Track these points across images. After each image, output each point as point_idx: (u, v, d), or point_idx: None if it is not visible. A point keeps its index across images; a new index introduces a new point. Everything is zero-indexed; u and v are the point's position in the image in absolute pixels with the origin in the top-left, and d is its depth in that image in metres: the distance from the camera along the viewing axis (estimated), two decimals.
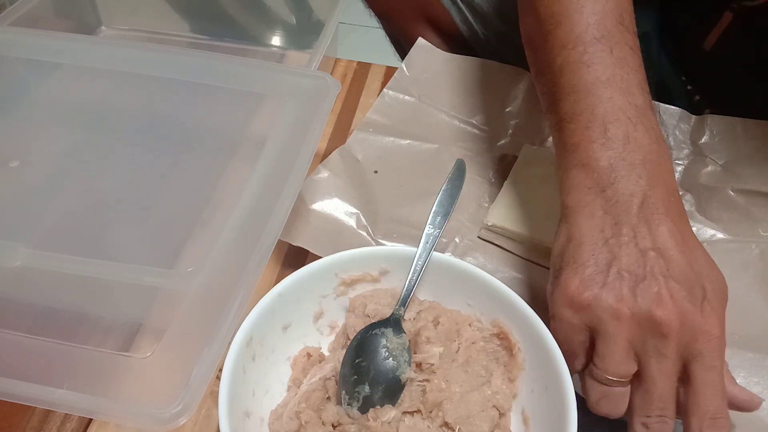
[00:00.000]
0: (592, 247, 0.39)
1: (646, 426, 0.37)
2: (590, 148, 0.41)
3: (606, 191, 0.40)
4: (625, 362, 0.37)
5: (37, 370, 0.37)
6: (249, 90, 0.55)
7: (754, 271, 0.52)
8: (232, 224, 0.43)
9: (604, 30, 0.43)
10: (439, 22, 0.75)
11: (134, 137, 0.58)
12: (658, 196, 0.39)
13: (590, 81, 0.42)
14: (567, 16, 0.44)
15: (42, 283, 0.44)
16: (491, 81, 0.66)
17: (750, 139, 0.60)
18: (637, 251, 0.38)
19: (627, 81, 0.42)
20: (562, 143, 0.44)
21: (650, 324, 0.36)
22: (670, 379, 0.37)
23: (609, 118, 0.41)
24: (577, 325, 0.38)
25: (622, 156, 0.40)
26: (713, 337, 0.36)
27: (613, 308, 0.37)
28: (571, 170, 0.42)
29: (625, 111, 0.41)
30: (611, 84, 0.42)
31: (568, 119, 0.43)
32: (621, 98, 0.41)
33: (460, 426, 0.38)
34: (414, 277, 0.43)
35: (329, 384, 0.41)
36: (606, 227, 0.39)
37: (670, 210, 0.39)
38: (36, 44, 0.57)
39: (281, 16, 0.79)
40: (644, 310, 0.36)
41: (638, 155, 0.40)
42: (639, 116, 0.41)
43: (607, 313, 0.37)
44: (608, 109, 0.41)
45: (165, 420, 0.34)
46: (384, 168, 0.59)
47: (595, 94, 0.42)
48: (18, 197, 0.53)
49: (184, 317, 0.39)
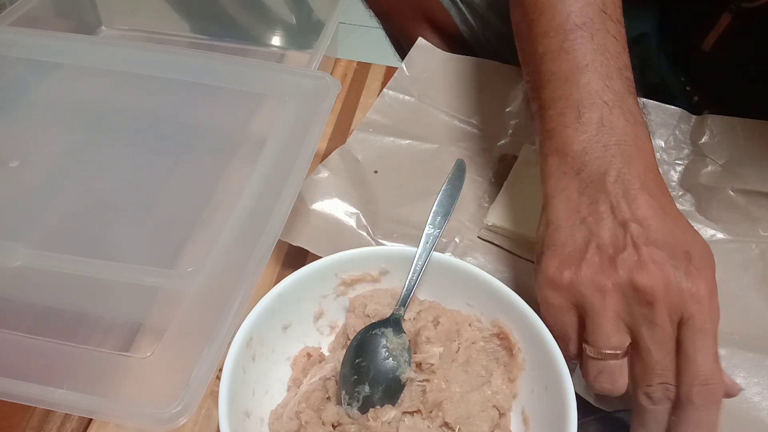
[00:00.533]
0: (569, 229, 0.39)
1: (649, 396, 0.37)
2: (564, 133, 0.42)
3: (581, 174, 0.40)
4: (615, 334, 0.37)
5: (37, 370, 0.37)
6: (249, 90, 0.55)
7: (754, 271, 0.52)
8: (232, 224, 0.43)
9: (585, 18, 0.44)
10: (439, 22, 0.75)
11: (134, 137, 0.58)
12: (634, 173, 0.39)
13: (569, 68, 0.43)
14: (550, 4, 0.45)
15: (42, 283, 0.44)
16: (491, 81, 0.66)
17: (750, 139, 0.60)
18: (614, 225, 0.38)
19: (606, 66, 0.42)
20: (540, 130, 0.44)
21: (634, 292, 0.36)
22: (665, 346, 0.36)
23: (584, 102, 0.42)
24: (563, 305, 0.38)
25: (595, 139, 0.40)
26: (702, 299, 0.36)
27: (594, 282, 0.37)
28: (548, 157, 0.43)
29: (602, 95, 0.41)
30: (589, 70, 0.42)
31: (546, 106, 0.44)
32: (598, 83, 0.42)
33: (460, 426, 0.38)
34: (414, 277, 0.43)
35: (329, 384, 0.41)
36: (582, 207, 0.39)
37: (646, 184, 0.39)
38: (36, 44, 0.57)
39: (281, 16, 0.79)
40: (626, 279, 0.36)
41: (612, 137, 0.40)
42: (616, 100, 0.41)
43: (590, 288, 0.37)
44: (583, 95, 0.42)
45: (165, 420, 0.34)
46: (384, 168, 0.59)
47: (572, 80, 0.42)
48: (18, 197, 0.53)
49: (184, 317, 0.39)
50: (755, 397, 0.44)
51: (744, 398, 0.44)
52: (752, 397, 0.44)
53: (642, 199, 0.38)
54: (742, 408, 0.43)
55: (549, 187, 0.42)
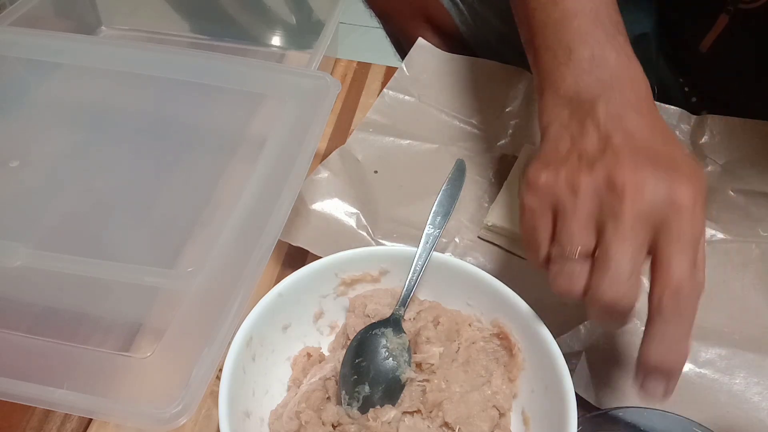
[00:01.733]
0: (555, 141, 0.40)
1: (597, 303, 0.34)
2: (557, 71, 0.42)
3: (572, 102, 0.41)
4: (580, 234, 0.35)
5: (37, 370, 0.37)
6: (249, 90, 0.55)
7: (754, 271, 0.52)
8: (232, 224, 0.43)
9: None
10: (439, 22, 0.75)
11: (134, 137, 0.58)
12: (626, 98, 0.39)
13: (560, 15, 0.44)
14: None
15: (42, 283, 0.44)
16: (491, 81, 0.66)
17: (750, 139, 0.60)
18: (598, 136, 0.38)
19: (596, 12, 0.43)
20: (535, 74, 0.45)
21: (608, 191, 0.35)
22: (627, 249, 0.34)
23: (575, 43, 0.42)
24: (537, 208, 0.37)
25: (588, 72, 0.41)
26: (682, 207, 0.34)
27: (569, 182, 0.36)
28: (543, 94, 0.43)
29: (593, 35, 0.42)
30: (579, 15, 0.43)
31: (539, 53, 0.45)
32: (588, 25, 0.43)
33: (460, 426, 0.38)
34: (414, 277, 0.43)
35: (329, 384, 0.41)
36: (571, 124, 0.40)
37: (638, 108, 0.39)
38: (36, 44, 0.57)
39: (281, 16, 0.79)
40: (601, 178, 0.35)
41: (605, 71, 0.41)
42: (607, 38, 0.42)
43: (564, 189, 0.36)
44: (574, 36, 0.43)
45: (165, 420, 0.34)
46: (384, 168, 0.59)
47: (564, 25, 0.43)
48: (18, 197, 0.53)
49: (184, 317, 0.39)
50: (755, 397, 0.44)
51: (744, 398, 0.44)
52: (752, 397, 0.44)
53: (631, 116, 0.38)
54: (742, 408, 0.43)
55: (543, 120, 0.43)
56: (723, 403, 0.44)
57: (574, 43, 0.42)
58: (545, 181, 0.37)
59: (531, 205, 0.38)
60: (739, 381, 0.45)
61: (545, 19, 0.45)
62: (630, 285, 0.34)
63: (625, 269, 0.34)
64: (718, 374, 0.45)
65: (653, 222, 0.34)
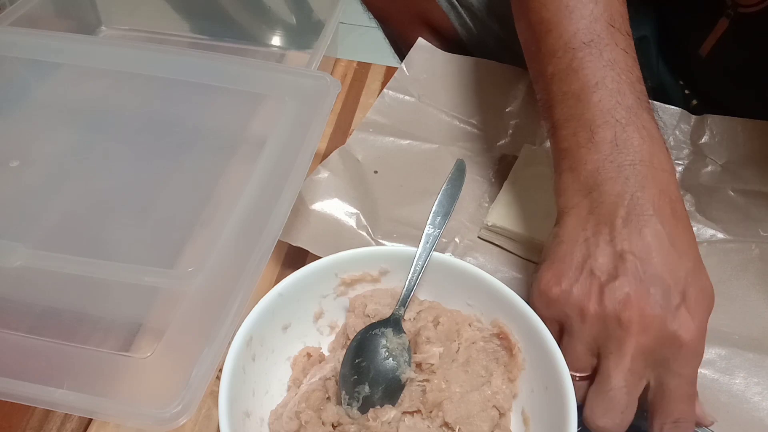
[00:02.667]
0: (570, 245, 0.39)
1: (591, 424, 0.37)
2: (578, 153, 0.41)
3: (592, 193, 0.40)
4: (584, 358, 0.38)
5: (37, 370, 0.37)
6: (249, 90, 0.55)
7: (754, 271, 0.52)
8: (232, 224, 0.43)
9: (593, 34, 0.43)
10: (437, 25, 0.75)
11: (134, 137, 0.58)
12: (648, 197, 0.38)
13: (579, 87, 0.42)
14: (556, 23, 0.44)
15: (42, 283, 0.44)
16: (491, 81, 0.66)
17: (750, 139, 0.60)
18: (613, 252, 0.38)
19: (617, 82, 0.42)
20: (554, 149, 0.44)
21: (615, 324, 0.36)
22: (625, 380, 0.36)
23: (596, 122, 0.41)
24: (548, 318, 0.39)
25: (609, 158, 0.40)
26: (682, 344, 0.36)
27: (579, 306, 0.37)
28: (562, 174, 0.43)
29: (614, 113, 0.41)
30: (600, 87, 0.42)
31: (559, 126, 0.43)
32: (610, 100, 0.41)
33: (460, 426, 0.38)
34: (414, 277, 0.43)
35: (329, 384, 0.41)
36: (588, 226, 0.39)
37: (660, 210, 0.38)
38: (36, 44, 0.57)
39: (281, 16, 0.79)
40: (610, 310, 0.36)
41: (628, 156, 0.40)
42: (630, 117, 0.41)
43: (574, 311, 0.38)
44: (596, 114, 0.41)
45: (165, 420, 0.34)
46: (384, 168, 0.59)
47: (583, 99, 0.42)
48: (18, 197, 0.53)
49: (184, 317, 0.39)
50: (755, 397, 0.44)
51: (744, 398, 0.44)
52: (752, 397, 0.44)
53: (650, 229, 0.38)
54: (743, 408, 0.43)
55: (561, 203, 0.42)
56: (723, 403, 0.44)
57: (595, 122, 0.41)
58: (556, 296, 0.38)
59: (541, 313, 0.40)
60: (739, 381, 0.45)
61: (565, 90, 0.43)
62: (623, 417, 0.37)
63: (621, 402, 0.36)
64: (718, 374, 0.45)
65: (655, 358, 0.36)
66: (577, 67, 0.43)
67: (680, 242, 0.38)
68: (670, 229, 0.38)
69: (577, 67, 0.43)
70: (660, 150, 0.41)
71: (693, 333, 0.36)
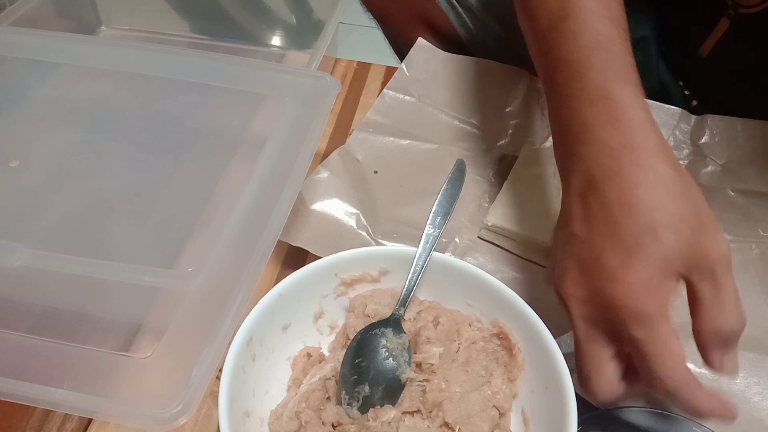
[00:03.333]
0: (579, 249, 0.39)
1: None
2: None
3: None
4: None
5: (37, 370, 0.37)
6: (249, 90, 0.55)
7: (754, 271, 0.52)
8: (232, 224, 0.43)
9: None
10: (437, 26, 0.75)
11: (134, 137, 0.58)
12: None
13: (605, 118, 0.41)
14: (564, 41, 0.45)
15: (42, 283, 0.44)
16: (491, 81, 0.66)
17: (750, 139, 0.60)
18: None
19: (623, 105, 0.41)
20: (559, 159, 0.44)
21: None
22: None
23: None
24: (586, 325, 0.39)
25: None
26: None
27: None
28: (571, 179, 0.42)
29: None
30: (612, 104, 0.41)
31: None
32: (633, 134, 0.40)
33: (460, 426, 0.38)
34: (414, 277, 0.43)
35: (329, 384, 0.41)
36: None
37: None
38: (36, 44, 0.57)
39: (281, 16, 0.79)
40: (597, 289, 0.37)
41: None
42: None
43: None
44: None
45: (165, 420, 0.34)
46: (384, 168, 0.59)
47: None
48: (18, 197, 0.53)
49: (184, 317, 0.39)
50: (755, 397, 0.44)
51: (744, 398, 0.44)
52: (752, 397, 0.44)
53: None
54: (742, 408, 0.43)
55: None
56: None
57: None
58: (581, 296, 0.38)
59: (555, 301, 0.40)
60: (739, 381, 0.45)
61: (588, 121, 0.42)
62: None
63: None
64: (718, 374, 0.45)
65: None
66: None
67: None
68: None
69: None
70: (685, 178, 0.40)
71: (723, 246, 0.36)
